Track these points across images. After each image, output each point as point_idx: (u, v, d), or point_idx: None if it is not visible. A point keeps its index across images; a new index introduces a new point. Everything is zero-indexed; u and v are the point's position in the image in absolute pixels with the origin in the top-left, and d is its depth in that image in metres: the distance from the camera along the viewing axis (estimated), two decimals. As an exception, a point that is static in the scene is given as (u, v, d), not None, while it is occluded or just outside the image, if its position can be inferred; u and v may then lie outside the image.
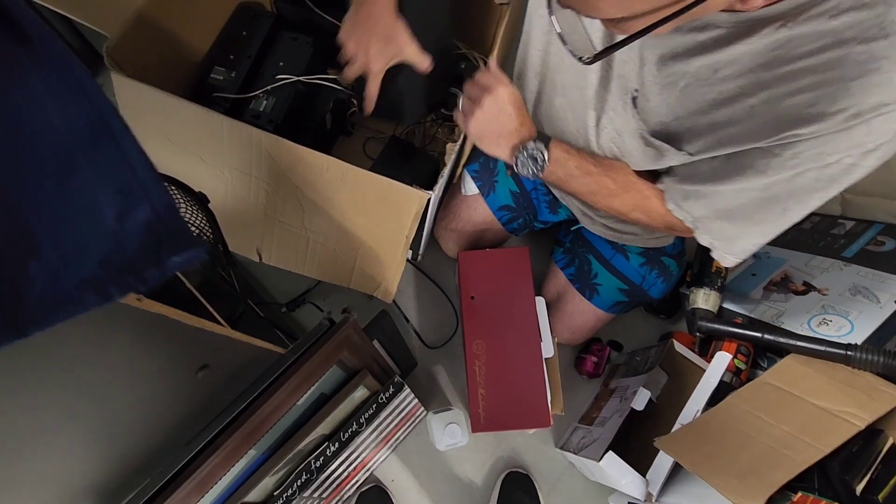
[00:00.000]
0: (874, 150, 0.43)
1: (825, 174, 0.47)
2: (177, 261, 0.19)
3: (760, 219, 0.54)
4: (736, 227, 0.56)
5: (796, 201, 0.50)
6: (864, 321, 0.73)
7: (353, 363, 0.62)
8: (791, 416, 0.63)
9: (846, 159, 0.44)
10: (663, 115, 0.54)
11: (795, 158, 0.47)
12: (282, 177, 0.68)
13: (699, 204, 0.58)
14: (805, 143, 0.46)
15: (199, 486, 0.50)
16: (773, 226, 0.54)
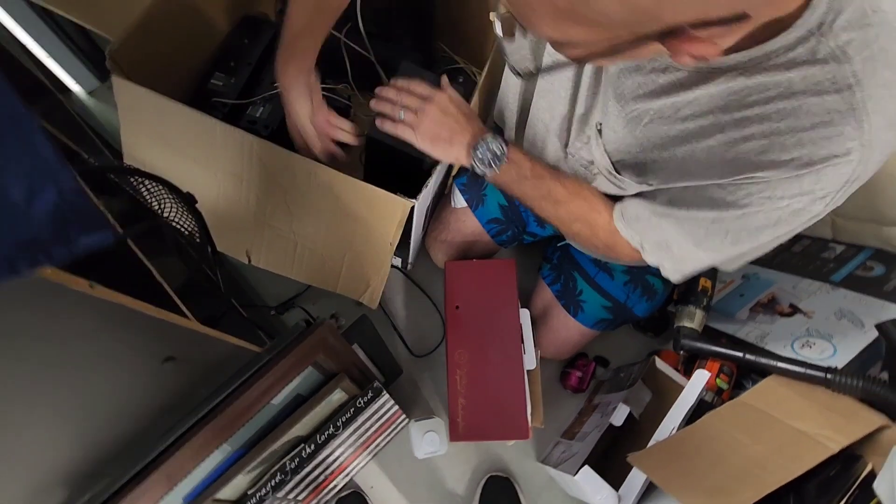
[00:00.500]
0: (822, 197, 0.45)
1: (773, 216, 0.48)
2: (86, 241, 0.21)
3: (710, 246, 0.54)
4: (685, 251, 0.57)
5: (747, 234, 0.51)
6: (847, 345, 0.72)
7: (329, 366, 0.62)
8: (767, 437, 0.63)
9: (794, 204, 0.46)
10: (627, 146, 0.56)
11: (747, 199, 0.48)
12: (271, 181, 0.69)
13: (650, 226, 0.59)
14: (757, 186, 0.47)
15: (169, 478, 0.51)
16: (722, 253, 0.55)
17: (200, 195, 0.72)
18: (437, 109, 0.63)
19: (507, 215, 0.88)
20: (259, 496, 0.65)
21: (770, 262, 0.95)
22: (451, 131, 0.64)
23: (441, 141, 0.64)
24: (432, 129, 0.63)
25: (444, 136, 0.64)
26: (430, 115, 0.63)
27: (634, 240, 0.60)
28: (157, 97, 0.65)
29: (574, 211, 0.63)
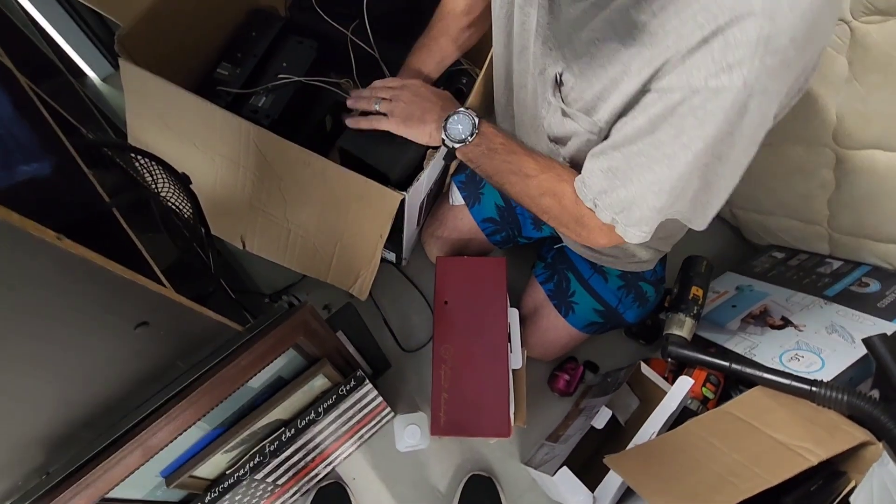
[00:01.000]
0: (738, 64, 0.42)
1: (697, 108, 0.45)
2: (25, 169, 0.22)
3: (650, 176, 0.52)
4: (629, 189, 0.54)
5: (680, 146, 0.48)
6: (835, 359, 0.72)
7: (312, 350, 0.63)
8: (746, 446, 0.62)
9: (712, 81, 0.43)
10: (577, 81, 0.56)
11: (668, 91, 0.46)
12: (267, 168, 0.71)
13: (596, 174, 0.57)
14: (673, 72, 0.45)
15: (145, 449, 0.52)
16: (662, 181, 0.51)
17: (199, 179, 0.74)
18: (410, 92, 0.66)
19: (503, 216, 0.89)
20: (237, 476, 0.66)
21: (765, 276, 0.94)
22: (423, 109, 0.65)
23: (414, 120, 0.65)
24: (405, 109, 0.65)
25: (416, 115, 0.65)
26: (403, 98, 0.66)
27: (587, 199, 0.58)
28: (161, 82, 0.67)
29: (543, 184, 0.62)
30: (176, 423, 0.53)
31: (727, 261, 1.05)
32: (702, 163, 0.49)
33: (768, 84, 0.43)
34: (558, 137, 0.63)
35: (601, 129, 0.56)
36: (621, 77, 0.50)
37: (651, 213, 0.54)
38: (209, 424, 0.60)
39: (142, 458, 0.52)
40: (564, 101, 0.58)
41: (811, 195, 0.84)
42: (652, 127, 0.49)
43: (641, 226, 0.56)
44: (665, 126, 0.48)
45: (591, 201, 0.58)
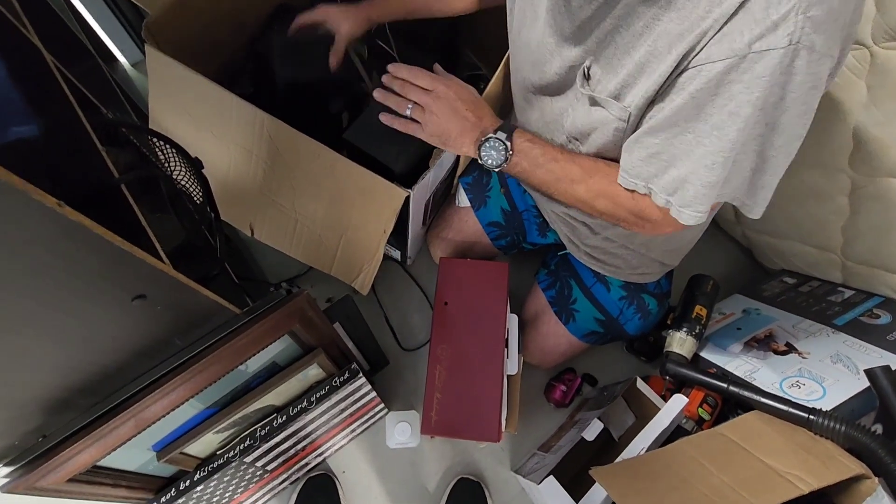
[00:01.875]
0: (784, 21, 0.40)
1: (742, 69, 0.44)
2: (17, 130, 0.23)
3: (700, 150, 0.50)
4: (679, 168, 0.53)
5: (727, 114, 0.47)
6: (837, 389, 0.70)
7: (307, 339, 0.64)
8: (735, 469, 0.61)
9: (756, 44, 0.42)
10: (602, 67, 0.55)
11: (708, 62, 0.45)
12: (279, 158, 0.73)
13: (636, 164, 0.56)
14: (712, 43, 0.44)
15: (138, 421, 0.54)
16: (714, 153, 0.49)
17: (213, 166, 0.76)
18: (446, 106, 0.64)
19: (509, 221, 0.89)
20: (227, 457, 0.68)
21: (774, 301, 0.93)
22: (460, 130, 0.64)
23: (450, 139, 0.65)
24: (440, 125, 0.64)
25: (452, 135, 0.64)
26: (438, 111, 0.63)
27: (640, 187, 0.57)
28: (184, 69, 0.70)
29: (593, 188, 0.61)
30: (170, 398, 0.54)
31: (736, 283, 1.03)
32: (755, 133, 0.47)
33: (816, 39, 0.41)
34: (581, 132, 0.62)
35: (631, 114, 0.55)
36: (648, 59, 0.50)
37: (705, 189, 0.52)
38: (203, 403, 0.61)
39: (134, 429, 0.54)
40: (592, 91, 0.57)
41: (826, 221, 0.83)
42: (695, 102, 0.48)
43: (696, 206, 0.54)
44: (710, 98, 0.47)
45: (645, 188, 0.57)
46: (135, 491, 0.63)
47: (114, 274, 0.37)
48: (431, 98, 0.64)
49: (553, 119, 0.65)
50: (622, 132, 0.58)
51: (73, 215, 0.29)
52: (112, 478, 0.59)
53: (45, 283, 0.32)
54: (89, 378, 0.48)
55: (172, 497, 0.65)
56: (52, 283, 0.32)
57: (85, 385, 0.48)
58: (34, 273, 0.31)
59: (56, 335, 0.38)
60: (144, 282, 0.40)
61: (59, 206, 0.28)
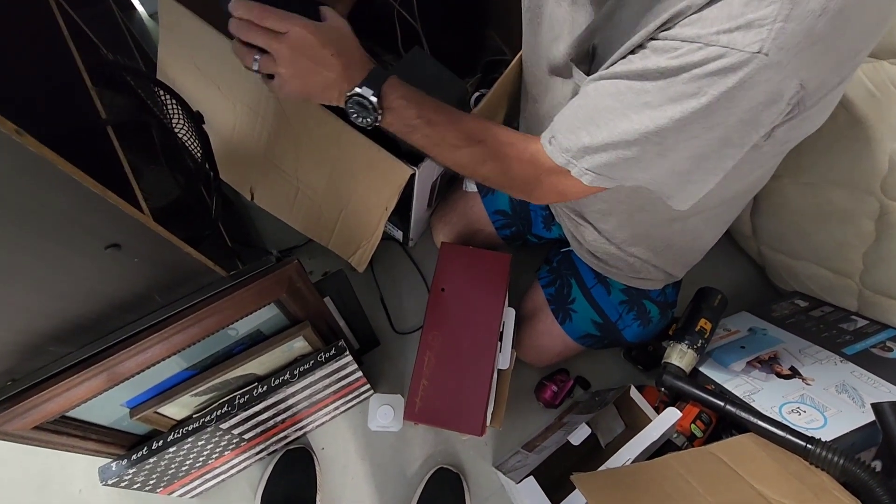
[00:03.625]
0: (759, 27, 0.37)
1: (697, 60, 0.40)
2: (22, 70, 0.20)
3: (625, 124, 0.46)
4: (595, 135, 0.48)
5: (666, 98, 0.43)
6: (839, 420, 0.67)
7: (294, 310, 0.62)
8: (722, 491, 0.58)
9: (723, 37, 0.38)
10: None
11: (671, 40, 0.42)
12: (285, 122, 0.70)
13: (565, 113, 0.51)
14: (683, 22, 0.41)
15: (110, 376, 0.53)
16: (637, 130, 0.46)
17: (218, 124, 0.74)
18: (302, 54, 0.49)
19: (515, 210, 0.86)
20: (203, 422, 0.66)
21: (783, 322, 0.89)
22: (323, 83, 0.51)
23: (314, 93, 0.53)
24: (298, 83, 0.51)
25: (314, 91, 0.52)
26: (293, 64, 0.49)
27: (557, 156, 0.52)
28: (195, 19, 0.67)
29: (479, 153, 0.56)
30: (145, 356, 0.53)
31: (745, 300, 1.00)
32: (689, 127, 0.43)
33: (784, 57, 0.37)
34: None
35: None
36: (632, 27, 0.46)
37: (620, 162, 0.48)
38: (180, 365, 0.60)
39: (107, 383, 0.52)
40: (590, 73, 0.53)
41: (847, 244, 0.79)
42: (641, 74, 0.44)
43: (605, 170, 0.50)
44: (656, 77, 0.43)
45: (548, 140, 0.53)
46: (106, 445, 0.62)
47: (84, 218, 0.34)
48: (283, 45, 0.48)
49: (560, 103, 0.60)
50: None
51: (35, 146, 0.27)
52: (81, 430, 0.58)
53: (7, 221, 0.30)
54: (62, 325, 0.46)
55: (144, 455, 0.64)
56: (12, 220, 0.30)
57: (58, 332, 0.47)
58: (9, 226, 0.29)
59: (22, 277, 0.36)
60: (119, 231, 0.38)
61: (17, 134, 0.26)
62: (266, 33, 0.48)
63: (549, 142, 0.53)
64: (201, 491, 0.82)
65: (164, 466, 0.68)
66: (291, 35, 0.48)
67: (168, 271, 0.49)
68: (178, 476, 0.72)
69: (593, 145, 0.49)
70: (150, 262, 0.45)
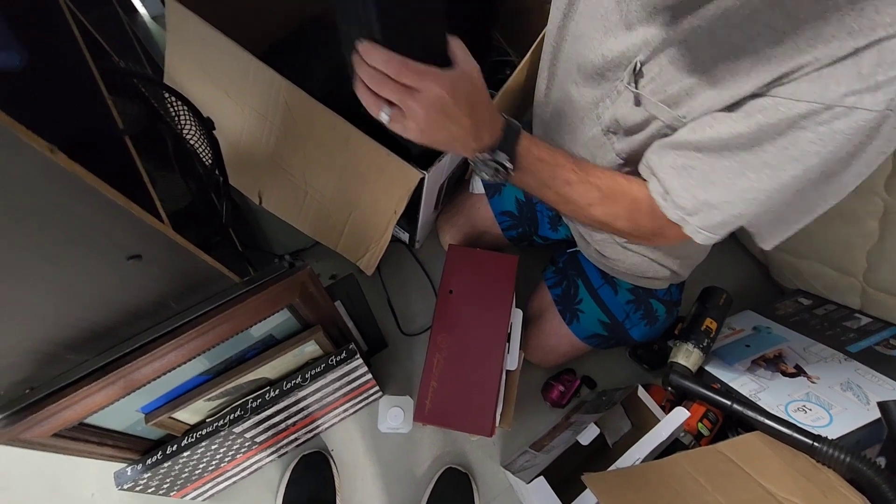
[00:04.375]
0: (885, 85, 0.37)
1: (823, 120, 0.40)
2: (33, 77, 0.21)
3: (743, 183, 0.47)
4: (710, 193, 0.49)
5: (788, 158, 0.43)
6: (845, 418, 0.68)
7: (307, 314, 0.63)
8: (731, 489, 0.59)
9: (849, 99, 0.39)
10: (669, 78, 0.49)
11: (790, 100, 0.41)
12: (293, 126, 0.70)
13: (666, 170, 0.51)
14: (803, 80, 0.40)
15: (127, 382, 0.53)
16: (757, 190, 0.47)
17: (226, 128, 0.74)
18: (433, 111, 0.47)
19: (522, 212, 0.87)
20: (216, 426, 0.67)
21: (787, 321, 0.90)
22: (450, 138, 0.50)
23: (440, 146, 0.51)
24: (429, 136, 0.49)
25: (441, 143, 0.51)
26: (422, 119, 0.47)
27: (659, 193, 0.53)
28: (203, 25, 0.67)
29: (613, 210, 0.56)
30: (161, 363, 0.53)
31: (749, 298, 1.01)
32: (807, 178, 0.44)
33: None
34: (620, 127, 0.57)
35: (685, 124, 0.50)
36: (725, 76, 0.45)
37: (733, 219, 0.50)
38: (195, 370, 0.60)
39: (123, 390, 0.53)
40: (641, 90, 0.52)
41: (851, 244, 0.80)
42: (757, 136, 0.44)
43: (717, 230, 0.52)
44: (775, 137, 0.43)
45: (663, 195, 0.53)
46: (121, 451, 0.62)
47: (109, 230, 0.35)
48: (417, 103, 0.46)
49: (585, 107, 0.60)
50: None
51: (67, 163, 0.27)
52: (98, 436, 0.58)
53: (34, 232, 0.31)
54: (80, 334, 0.46)
55: (158, 460, 0.65)
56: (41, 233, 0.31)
57: (75, 341, 0.47)
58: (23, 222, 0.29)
59: (46, 287, 0.36)
60: (141, 241, 0.38)
61: (50, 152, 0.26)
62: (400, 89, 0.45)
63: (663, 198, 0.53)
64: (213, 493, 0.82)
65: (178, 470, 0.68)
66: (426, 94, 0.45)
67: (183, 278, 0.49)
68: (192, 479, 0.73)
69: (709, 203, 0.50)
70: (168, 271, 0.45)
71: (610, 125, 0.58)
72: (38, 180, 0.27)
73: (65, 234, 0.32)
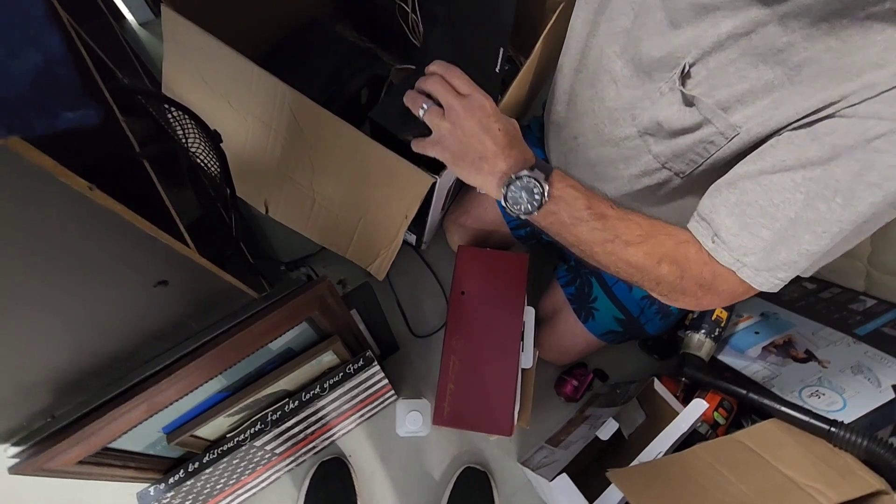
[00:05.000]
0: None
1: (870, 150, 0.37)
2: (69, 116, 0.20)
3: (812, 214, 0.42)
4: (772, 228, 0.44)
5: (865, 184, 0.40)
6: (858, 401, 0.69)
7: (325, 325, 0.62)
8: (754, 478, 0.60)
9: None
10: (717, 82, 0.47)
11: (865, 119, 0.38)
12: (299, 134, 0.69)
13: (727, 207, 0.47)
14: (877, 98, 0.38)
15: (150, 405, 0.52)
16: (829, 222, 0.42)
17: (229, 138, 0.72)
18: (474, 118, 0.48)
19: (530, 210, 0.87)
20: (237, 441, 0.66)
21: (793, 305, 0.91)
22: (480, 155, 0.49)
23: (465, 163, 0.51)
24: (460, 141, 0.49)
25: (469, 158, 0.50)
26: (463, 122, 0.49)
27: (706, 237, 0.49)
28: (201, 33, 0.66)
29: (654, 251, 0.49)
30: (183, 383, 0.53)
31: (754, 284, 1.02)
32: (887, 203, 0.40)
33: None
34: (661, 129, 0.53)
35: (739, 135, 0.46)
36: (783, 82, 0.42)
37: (799, 258, 0.45)
38: (215, 388, 0.60)
39: (146, 412, 0.52)
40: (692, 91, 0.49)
41: (856, 228, 0.81)
42: (829, 159, 0.40)
43: (780, 272, 0.46)
44: (848, 160, 0.40)
45: (713, 238, 0.48)
46: (143, 472, 0.62)
47: (138, 260, 0.34)
48: (459, 103, 0.49)
49: (619, 107, 0.56)
50: (717, 149, 0.49)
51: (104, 200, 0.26)
52: (121, 459, 0.57)
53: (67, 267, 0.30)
54: (102, 360, 0.45)
55: (181, 478, 0.64)
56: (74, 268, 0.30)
57: (97, 367, 0.46)
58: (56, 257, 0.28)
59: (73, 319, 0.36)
60: (167, 267, 0.38)
61: (89, 191, 0.25)
62: (449, 89, 0.50)
63: (712, 240, 0.48)
64: (232, 506, 0.82)
65: (199, 487, 0.68)
66: (471, 99, 0.49)
67: (203, 298, 0.49)
68: (213, 494, 0.73)
69: (768, 242, 0.45)
70: (190, 293, 0.44)
71: (648, 127, 0.54)
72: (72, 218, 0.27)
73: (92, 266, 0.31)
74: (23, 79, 0.18)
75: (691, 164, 0.53)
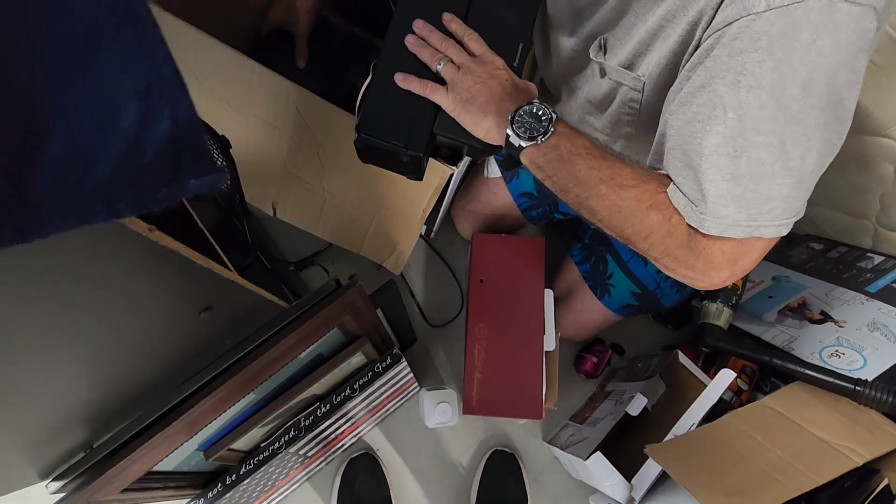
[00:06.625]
0: None
1: (757, 31, 0.37)
2: (195, 183, 0.18)
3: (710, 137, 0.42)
4: (691, 156, 0.44)
5: (744, 90, 0.40)
6: (878, 358, 0.71)
7: (354, 328, 0.61)
8: (787, 442, 0.62)
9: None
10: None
11: (722, 26, 0.40)
12: (306, 132, 0.67)
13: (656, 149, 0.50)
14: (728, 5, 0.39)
15: (190, 426, 0.51)
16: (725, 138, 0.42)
17: (231, 140, 0.70)
18: (487, 73, 0.52)
19: (541, 191, 0.86)
20: (272, 449, 0.66)
21: (803, 267, 0.93)
22: (490, 97, 0.51)
23: (474, 105, 0.51)
24: (470, 89, 0.51)
25: (479, 101, 0.51)
26: (476, 73, 0.52)
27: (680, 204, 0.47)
28: (194, 31, 0.62)
29: (645, 195, 0.48)
30: (222, 401, 0.51)
31: (761, 248, 1.03)
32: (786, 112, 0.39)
33: None
34: (597, 102, 0.59)
35: (644, 84, 0.52)
36: (662, 24, 0.46)
37: (726, 184, 0.43)
38: (250, 400, 0.58)
39: (188, 433, 0.51)
40: (606, 62, 0.54)
41: (866, 189, 0.81)
42: (709, 79, 0.41)
43: (719, 208, 0.44)
44: (724, 73, 0.40)
45: (680, 196, 0.47)
46: (182, 490, 0.61)
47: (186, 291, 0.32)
48: (474, 61, 0.53)
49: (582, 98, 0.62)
50: (638, 104, 0.54)
51: (162, 239, 0.25)
52: (161, 481, 0.57)
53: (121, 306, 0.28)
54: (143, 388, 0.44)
55: (220, 492, 0.63)
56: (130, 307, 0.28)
57: (138, 395, 0.45)
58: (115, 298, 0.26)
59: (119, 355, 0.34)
60: (212, 293, 0.36)
61: (149, 232, 0.24)
62: (462, 50, 0.54)
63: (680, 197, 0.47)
64: (267, 510, 0.82)
65: (237, 498, 0.67)
66: (483, 58, 0.54)
67: (240, 316, 0.47)
68: (250, 502, 0.72)
69: (691, 167, 0.45)
70: (230, 313, 0.43)
71: (583, 107, 0.60)
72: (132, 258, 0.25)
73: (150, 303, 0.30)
74: (154, 149, 0.16)
75: (630, 125, 0.59)
